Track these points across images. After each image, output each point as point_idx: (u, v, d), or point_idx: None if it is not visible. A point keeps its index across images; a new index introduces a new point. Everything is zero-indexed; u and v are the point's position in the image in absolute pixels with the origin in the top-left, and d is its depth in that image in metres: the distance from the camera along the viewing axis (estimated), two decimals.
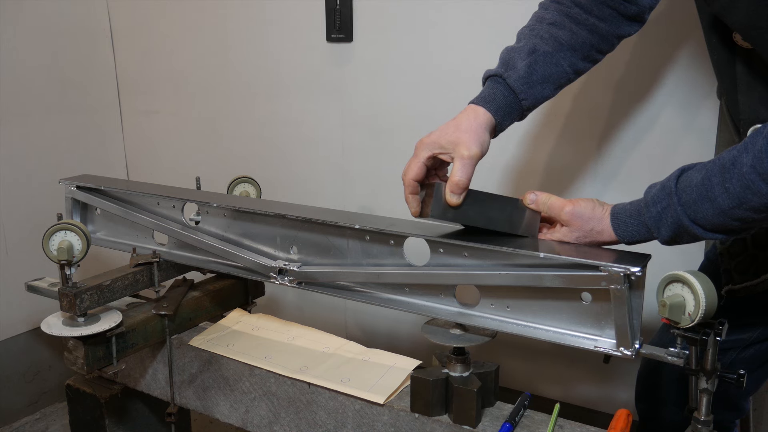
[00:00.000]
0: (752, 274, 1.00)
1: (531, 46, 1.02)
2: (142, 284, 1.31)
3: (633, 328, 0.88)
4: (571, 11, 1.04)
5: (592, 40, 1.05)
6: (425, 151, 0.97)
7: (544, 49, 1.02)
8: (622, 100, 1.49)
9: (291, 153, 1.97)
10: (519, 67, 1.01)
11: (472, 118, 0.98)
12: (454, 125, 0.98)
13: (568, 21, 1.04)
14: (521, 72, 1.01)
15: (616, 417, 0.98)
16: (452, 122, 0.99)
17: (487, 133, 0.99)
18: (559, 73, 1.04)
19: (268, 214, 1.19)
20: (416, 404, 1.04)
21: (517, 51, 1.03)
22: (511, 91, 1.01)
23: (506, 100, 1.01)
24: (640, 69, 1.46)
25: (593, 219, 0.92)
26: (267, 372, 1.19)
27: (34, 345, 2.06)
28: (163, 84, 2.18)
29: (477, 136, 0.97)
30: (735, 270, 1.03)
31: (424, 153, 0.97)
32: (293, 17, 1.85)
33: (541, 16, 1.06)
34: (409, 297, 1.07)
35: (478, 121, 0.98)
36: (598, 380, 1.65)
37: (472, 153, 0.95)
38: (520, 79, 1.01)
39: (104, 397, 1.35)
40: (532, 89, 1.02)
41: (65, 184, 1.40)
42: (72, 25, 2.09)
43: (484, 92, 1.02)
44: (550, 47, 1.02)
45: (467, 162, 0.95)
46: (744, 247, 1.02)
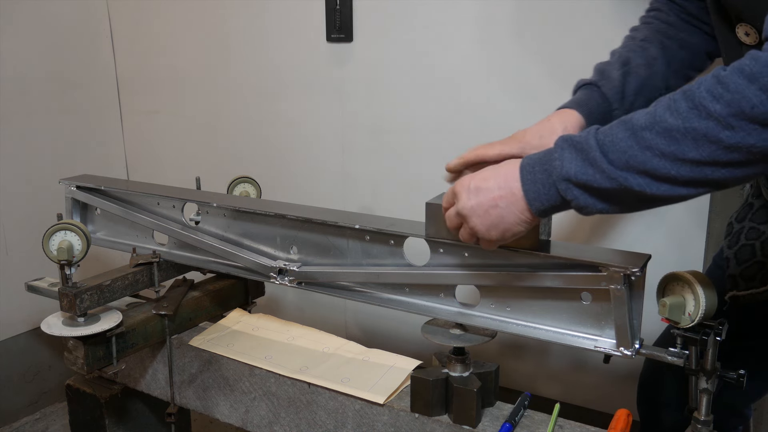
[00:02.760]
0: (758, 282, 1.00)
1: (624, 58, 1.02)
2: (142, 284, 1.31)
3: (633, 328, 0.88)
4: (660, 27, 1.06)
5: (683, 56, 1.05)
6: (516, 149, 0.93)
7: (637, 62, 1.02)
8: None
9: (291, 153, 1.97)
10: (614, 77, 1.00)
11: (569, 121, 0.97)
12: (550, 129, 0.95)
13: (659, 36, 1.04)
14: (615, 82, 1.00)
15: (616, 417, 0.98)
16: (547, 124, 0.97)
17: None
18: (652, 87, 1.03)
19: (268, 214, 1.20)
20: (416, 404, 1.04)
21: (611, 63, 1.02)
22: (605, 99, 1.00)
23: (599, 107, 0.99)
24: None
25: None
26: (267, 372, 1.19)
27: (34, 345, 2.06)
28: (163, 84, 2.18)
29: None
30: (741, 276, 1.02)
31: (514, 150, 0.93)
32: (293, 17, 1.85)
33: (633, 35, 1.07)
34: (409, 297, 1.07)
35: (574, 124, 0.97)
36: (598, 380, 1.65)
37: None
38: (614, 89, 1.00)
39: (104, 397, 1.35)
40: (624, 100, 1.00)
41: (65, 184, 1.40)
42: (72, 25, 2.09)
43: (579, 98, 1.00)
44: (643, 60, 1.02)
45: None
46: (752, 253, 1.02)
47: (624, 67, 1.01)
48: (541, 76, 1.55)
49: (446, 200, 0.91)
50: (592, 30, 1.47)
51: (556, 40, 1.52)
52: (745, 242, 1.04)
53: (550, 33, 1.52)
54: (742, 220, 1.08)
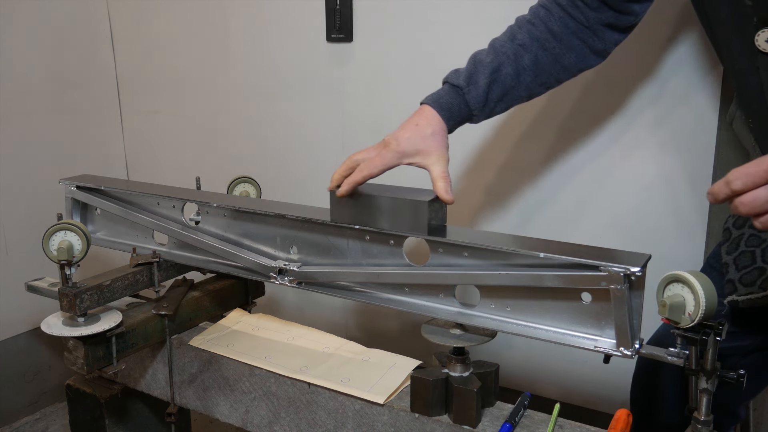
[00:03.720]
0: (758, 288, 1.00)
1: (496, 64, 1.08)
2: (142, 284, 1.31)
3: (633, 328, 0.88)
4: (540, 35, 1.09)
5: (553, 69, 1.11)
6: (395, 159, 1.05)
7: (507, 71, 1.08)
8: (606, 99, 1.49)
9: (291, 153, 1.97)
10: (480, 84, 1.07)
11: (434, 124, 1.06)
12: (420, 134, 1.04)
13: (536, 46, 1.09)
14: (481, 90, 1.07)
15: (616, 417, 0.98)
16: (416, 129, 1.05)
17: (447, 140, 1.07)
18: (514, 96, 1.11)
19: (268, 214, 1.20)
20: (416, 404, 1.04)
21: (483, 66, 1.08)
22: (467, 105, 1.08)
23: (461, 112, 1.08)
24: (638, 68, 1.46)
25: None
26: (267, 372, 1.19)
27: (34, 345, 2.06)
28: (163, 84, 2.18)
29: (443, 142, 1.06)
30: (740, 281, 1.03)
31: (393, 161, 1.05)
32: (293, 17, 1.85)
33: (514, 35, 1.11)
34: (409, 297, 1.07)
35: (438, 126, 1.06)
36: (598, 380, 1.65)
37: (446, 158, 1.04)
38: (477, 97, 1.07)
39: (104, 397, 1.35)
40: (485, 107, 1.09)
41: (65, 184, 1.40)
42: (72, 25, 2.09)
43: (443, 98, 1.08)
44: (513, 70, 1.08)
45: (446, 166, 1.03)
46: (752, 260, 1.03)
47: (492, 75, 1.07)
48: None
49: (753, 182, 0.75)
50: None
51: None
52: (745, 249, 1.04)
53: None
54: (741, 227, 1.08)
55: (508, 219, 1.68)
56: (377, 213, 1.06)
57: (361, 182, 1.06)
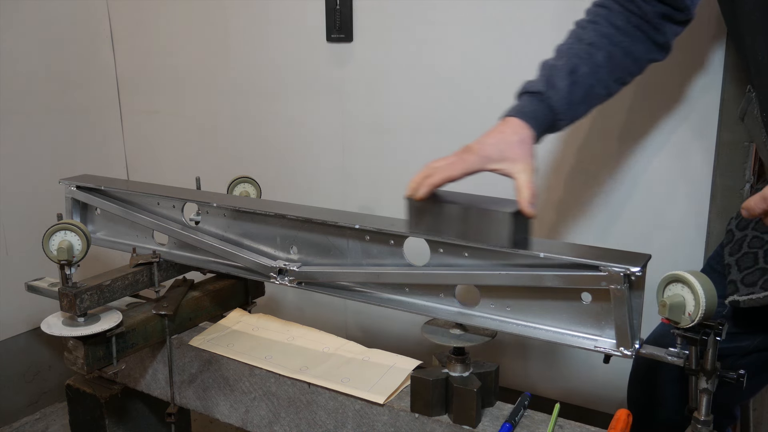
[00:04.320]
0: (759, 288, 1.00)
1: (571, 66, 1.03)
2: (142, 284, 1.31)
3: (633, 328, 0.88)
4: (607, 31, 1.06)
5: (625, 63, 1.07)
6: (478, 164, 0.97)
7: (583, 70, 1.03)
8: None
9: (291, 153, 1.97)
10: (560, 87, 1.01)
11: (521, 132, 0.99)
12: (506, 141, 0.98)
13: (605, 42, 1.05)
14: (563, 93, 1.01)
15: (616, 417, 0.98)
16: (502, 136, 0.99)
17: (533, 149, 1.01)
18: (594, 95, 1.06)
19: (268, 214, 1.20)
20: (416, 404, 1.04)
21: (558, 70, 1.03)
22: (552, 110, 1.02)
23: (546, 118, 1.02)
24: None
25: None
26: (267, 372, 1.19)
27: (34, 345, 2.06)
28: (163, 84, 2.18)
29: (531, 151, 0.99)
30: (742, 282, 1.03)
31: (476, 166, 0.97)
32: (293, 17, 1.85)
33: (580, 36, 1.07)
34: (409, 297, 1.07)
35: (525, 134, 0.99)
36: (598, 380, 1.65)
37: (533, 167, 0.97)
38: (561, 99, 1.01)
39: (104, 397, 1.35)
40: (569, 110, 1.03)
41: (65, 184, 1.40)
42: (72, 25, 2.09)
43: (526, 108, 1.02)
44: (589, 68, 1.03)
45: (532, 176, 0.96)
46: (755, 261, 1.03)
47: (571, 76, 1.02)
48: None
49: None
50: None
51: (556, 39, 1.52)
52: (748, 250, 1.04)
53: (551, 32, 1.52)
54: (744, 228, 1.08)
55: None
56: (457, 224, 0.98)
57: (439, 184, 0.98)
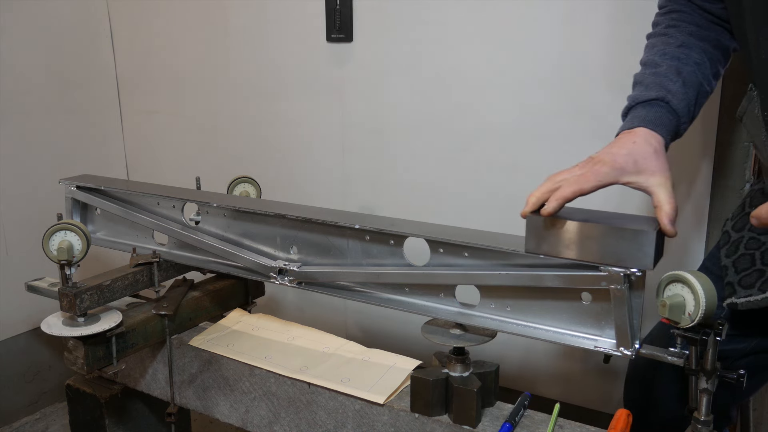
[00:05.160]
0: (757, 290, 1.00)
1: (675, 68, 1.00)
2: (142, 284, 1.31)
3: (633, 328, 0.88)
4: (691, 30, 1.04)
5: (717, 55, 1.04)
6: (612, 177, 0.90)
7: (688, 69, 1.00)
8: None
9: (291, 153, 1.97)
10: (675, 89, 0.98)
11: (654, 142, 0.93)
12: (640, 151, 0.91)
13: (694, 40, 1.03)
14: (680, 95, 0.98)
15: (616, 417, 0.98)
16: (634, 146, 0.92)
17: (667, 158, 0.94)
18: (703, 92, 1.02)
19: (268, 214, 1.20)
20: (416, 404, 1.04)
21: (664, 75, 0.99)
22: (675, 114, 0.98)
23: (671, 123, 0.97)
24: None
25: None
26: (267, 372, 1.19)
27: (34, 345, 2.06)
28: (163, 84, 2.18)
29: (667, 163, 0.92)
30: (739, 284, 1.02)
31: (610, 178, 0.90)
32: (293, 17, 1.85)
33: (667, 42, 1.04)
34: (409, 297, 1.07)
35: (659, 144, 0.94)
36: (598, 380, 1.65)
37: (671, 180, 0.91)
38: (681, 101, 0.98)
39: (104, 397, 1.35)
40: (690, 111, 1.00)
41: (65, 184, 1.40)
42: (72, 25, 2.09)
43: (649, 116, 0.97)
44: (692, 68, 1.00)
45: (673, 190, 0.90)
46: (752, 262, 1.02)
47: (679, 77, 0.98)
48: (542, 76, 1.55)
49: None
50: (598, 29, 1.47)
51: (557, 40, 1.52)
52: (745, 251, 1.04)
53: (552, 33, 1.52)
54: (740, 230, 1.08)
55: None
56: (586, 243, 0.89)
57: (570, 198, 0.90)
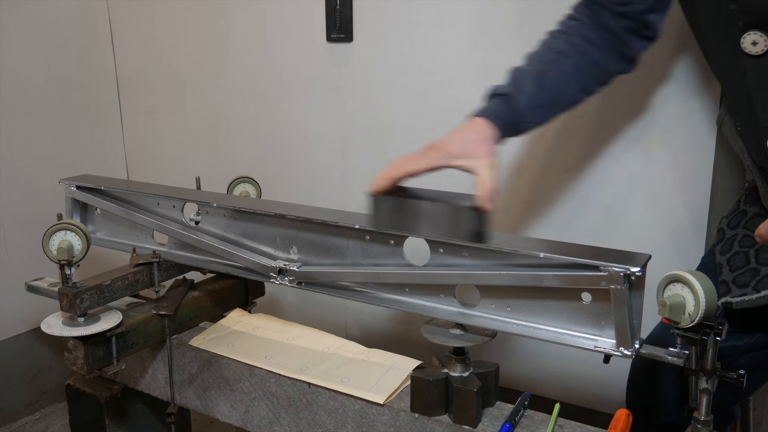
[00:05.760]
0: (752, 290, 1.00)
1: (539, 71, 1.06)
2: (142, 284, 1.31)
3: (633, 328, 0.88)
4: (577, 42, 1.09)
5: (593, 73, 1.10)
6: (442, 160, 0.99)
7: (551, 76, 1.06)
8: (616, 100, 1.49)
9: (291, 153, 1.97)
10: (526, 90, 1.05)
11: (484, 131, 1.02)
12: (470, 139, 1.01)
13: (574, 52, 1.08)
14: (528, 96, 1.05)
15: (616, 417, 0.98)
16: (466, 134, 1.01)
17: (496, 148, 1.03)
18: (559, 102, 1.10)
19: (268, 214, 1.20)
20: (416, 404, 1.04)
21: (526, 74, 1.06)
22: (517, 111, 1.05)
23: (510, 119, 1.05)
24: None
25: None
26: (267, 372, 1.19)
27: (34, 345, 2.06)
28: (163, 84, 2.18)
29: (493, 149, 1.01)
30: (734, 282, 1.03)
31: (440, 161, 0.99)
32: (293, 17, 1.85)
33: (550, 45, 1.10)
34: (409, 297, 1.07)
35: (489, 133, 1.02)
36: (598, 380, 1.65)
37: (495, 163, 0.99)
38: (526, 102, 1.05)
39: (104, 397, 1.35)
40: (533, 113, 1.06)
41: (65, 184, 1.40)
42: (72, 25, 2.09)
43: (492, 109, 1.05)
44: (557, 75, 1.07)
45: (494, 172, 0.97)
46: (746, 261, 1.03)
47: (537, 81, 1.06)
48: None
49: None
50: None
51: None
52: (739, 249, 1.04)
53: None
54: (735, 227, 1.08)
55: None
56: (417, 219, 1.00)
57: (399, 178, 1.00)
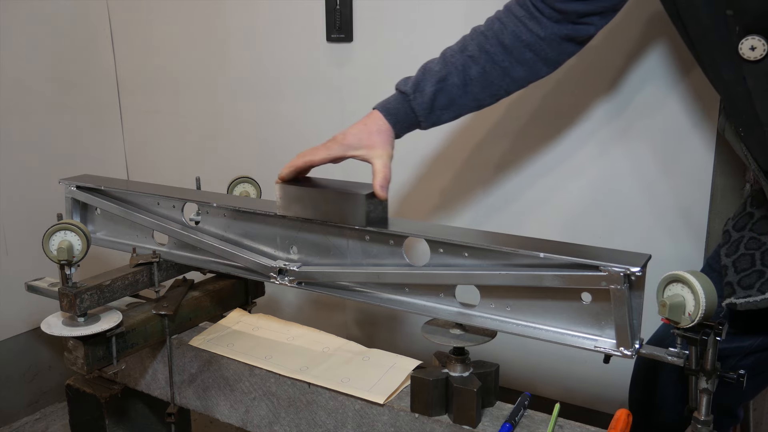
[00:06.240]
0: (756, 291, 1.00)
1: (443, 74, 1.11)
2: (142, 284, 1.31)
3: (633, 328, 0.88)
4: (491, 49, 1.11)
5: (502, 81, 1.13)
6: (340, 151, 1.10)
7: (453, 80, 1.11)
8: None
9: (291, 153, 1.93)
10: (426, 92, 1.11)
11: (381, 124, 1.11)
12: (366, 131, 1.10)
13: (485, 58, 1.11)
14: (426, 98, 1.11)
15: (616, 417, 0.98)
16: (363, 127, 1.11)
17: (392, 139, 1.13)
18: (462, 105, 1.14)
19: (268, 214, 1.20)
20: (416, 404, 1.04)
21: (431, 75, 1.12)
22: (413, 112, 1.12)
23: (407, 118, 1.12)
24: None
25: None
26: (267, 372, 1.19)
27: (34, 345, 2.06)
28: (163, 84, 2.18)
29: (388, 140, 1.11)
30: (738, 284, 1.02)
31: (338, 152, 1.10)
32: (293, 17, 1.85)
33: (464, 46, 1.13)
34: (409, 297, 1.07)
35: (384, 126, 1.11)
36: (598, 380, 1.65)
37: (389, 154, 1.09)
38: (423, 104, 1.11)
39: (104, 397, 1.35)
40: (431, 114, 1.12)
41: (65, 184, 1.40)
42: (72, 25, 2.09)
43: (391, 104, 1.13)
44: (460, 80, 1.11)
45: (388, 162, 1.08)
46: (752, 263, 1.02)
47: (439, 84, 1.11)
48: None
49: None
50: None
51: None
52: (745, 251, 1.04)
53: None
54: (741, 229, 1.08)
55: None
56: (320, 205, 1.11)
57: (302, 167, 1.11)
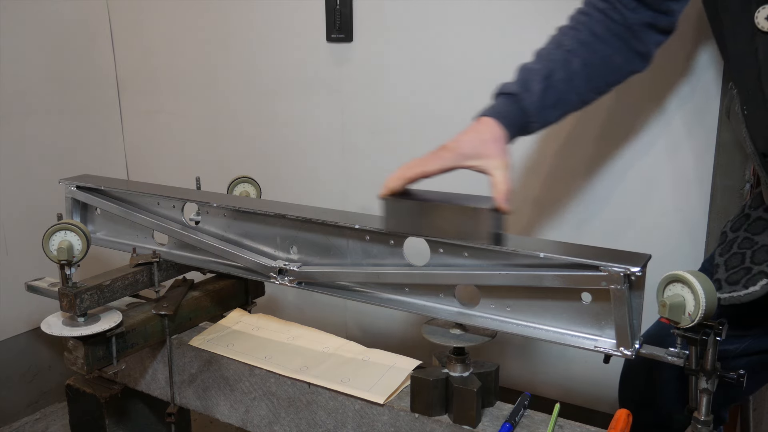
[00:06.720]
0: (741, 286, 1.00)
1: (547, 71, 1.05)
2: (142, 284, 1.31)
3: (633, 328, 0.88)
4: (587, 39, 1.07)
5: (603, 72, 1.08)
6: (454, 161, 1.00)
7: (559, 76, 1.05)
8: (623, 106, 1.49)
9: (291, 153, 1.97)
10: (534, 90, 1.04)
11: (495, 131, 1.02)
12: (480, 139, 1.00)
13: (584, 50, 1.06)
14: (536, 96, 1.04)
15: (616, 417, 0.98)
16: (476, 134, 1.01)
17: (508, 147, 1.03)
18: (568, 101, 1.08)
19: (268, 214, 1.20)
20: (416, 404, 1.04)
21: (534, 73, 1.05)
22: (525, 112, 1.04)
23: (519, 119, 1.04)
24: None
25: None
26: (267, 372, 1.19)
27: (34, 345, 2.06)
28: (163, 84, 2.18)
29: (505, 148, 1.01)
30: (726, 280, 1.03)
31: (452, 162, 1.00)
32: (293, 17, 1.85)
33: (559, 42, 1.09)
34: (409, 297, 1.07)
35: (499, 133, 1.02)
36: (598, 380, 1.65)
37: (507, 163, 0.99)
38: (534, 102, 1.04)
39: (104, 397, 1.35)
40: (542, 113, 1.05)
41: (65, 184, 1.40)
42: (72, 25, 2.09)
43: (500, 108, 1.04)
44: (564, 74, 1.05)
45: (508, 172, 0.98)
46: (742, 260, 1.03)
47: (546, 81, 1.05)
48: None
49: None
50: None
51: None
52: (737, 251, 1.04)
53: (551, 32, 1.52)
54: (737, 230, 1.08)
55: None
56: (434, 220, 0.99)
57: (413, 179, 1.00)
